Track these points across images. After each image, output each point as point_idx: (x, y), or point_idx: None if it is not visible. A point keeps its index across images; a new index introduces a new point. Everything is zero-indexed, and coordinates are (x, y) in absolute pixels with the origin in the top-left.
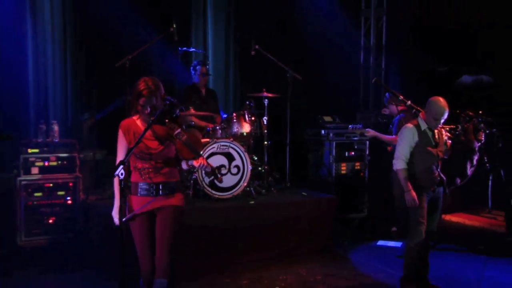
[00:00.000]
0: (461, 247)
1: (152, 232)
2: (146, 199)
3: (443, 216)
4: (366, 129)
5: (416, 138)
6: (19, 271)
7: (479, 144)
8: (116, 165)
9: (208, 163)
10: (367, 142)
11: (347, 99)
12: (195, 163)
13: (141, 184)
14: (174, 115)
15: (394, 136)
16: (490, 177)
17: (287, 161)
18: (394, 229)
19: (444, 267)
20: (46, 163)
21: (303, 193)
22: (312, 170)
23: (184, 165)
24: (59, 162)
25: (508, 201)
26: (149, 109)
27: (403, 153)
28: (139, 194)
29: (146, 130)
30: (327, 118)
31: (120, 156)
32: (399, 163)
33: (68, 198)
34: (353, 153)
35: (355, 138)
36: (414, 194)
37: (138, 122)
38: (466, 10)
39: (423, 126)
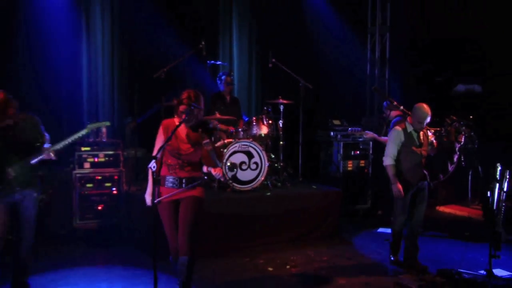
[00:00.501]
0: (449, 234)
1: (177, 217)
2: (172, 190)
3: (437, 207)
4: (365, 131)
5: (402, 139)
6: (74, 247)
7: (459, 145)
8: (152, 162)
9: (224, 174)
10: (371, 143)
11: (354, 105)
12: (213, 170)
13: (168, 177)
14: (207, 127)
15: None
16: (470, 173)
17: (299, 159)
18: (379, 212)
19: (433, 250)
20: (96, 159)
21: (313, 187)
22: (322, 167)
23: (204, 169)
24: (106, 158)
25: (485, 193)
26: (185, 115)
27: (391, 151)
28: (166, 186)
29: (174, 130)
30: (336, 122)
31: (157, 149)
32: (388, 160)
33: (114, 189)
34: (358, 152)
35: (360, 139)
36: (399, 186)
37: (176, 120)
38: (460, 25)
39: (409, 128)
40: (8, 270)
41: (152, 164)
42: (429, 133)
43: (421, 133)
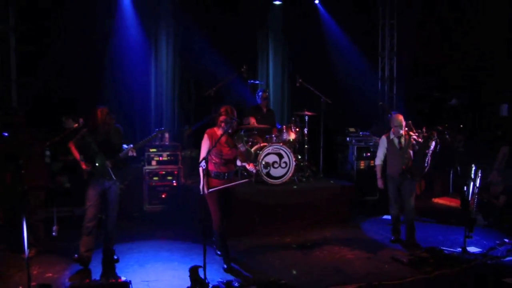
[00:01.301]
0: (438, 220)
1: (221, 202)
2: (216, 181)
3: (433, 199)
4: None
5: (385, 145)
6: (144, 225)
7: (429, 150)
8: (200, 160)
9: (255, 167)
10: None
11: (366, 116)
12: (248, 165)
13: (214, 172)
14: (240, 133)
15: None
16: (451, 172)
17: (320, 159)
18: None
19: (425, 233)
20: (161, 158)
21: (331, 182)
22: (340, 166)
23: (238, 163)
24: (169, 157)
25: (462, 188)
26: (224, 124)
27: (379, 154)
28: (212, 178)
29: (218, 139)
30: (352, 129)
31: (203, 152)
32: (376, 161)
33: (174, 181)
34: (369, 154)
35: (371, 144)
36: (381, 182)
37: (218, 132)
38: (451, 51)
39: (392, 136)
40: (100, 240)
41: (203, 163)
42: (414, 136)
43: (402, 139)
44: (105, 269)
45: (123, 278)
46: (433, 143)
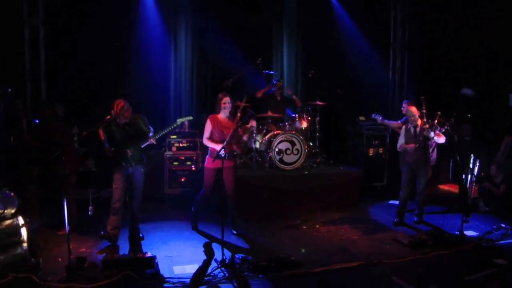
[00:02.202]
0: (442, 206)
1: (217, 178)
2: (217, 161)
3: (438, 185)
4: (378, 117)
5: (404, 134)
6: (165, 207)
7: (430, 141)
8: (219, 149)
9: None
10: (388, 135)
11: (378, 104)
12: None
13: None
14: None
15: (397, 122)
16: (451, 161)
17: (331, 147)
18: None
19: (426, 217)
20: (180, 144)
21: (341, 168)
22: (350, 153)
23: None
24: (188, 144)
25: (461, 176)
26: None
27: (400, 141)
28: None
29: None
30: (362, 118)
31: (206, 134)
32: (398, 147)
33: (193, 166)
34: (377, 142)
35: (377, 132)
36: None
37: (219, 116)
38: (458, 48)
39: (409, 126)
40: (126, 220)
41: (222, 151)
42: (426, 125)
43: (417, 129)
44: (131, 245)
45: (148, 254)
46: (435, 134)
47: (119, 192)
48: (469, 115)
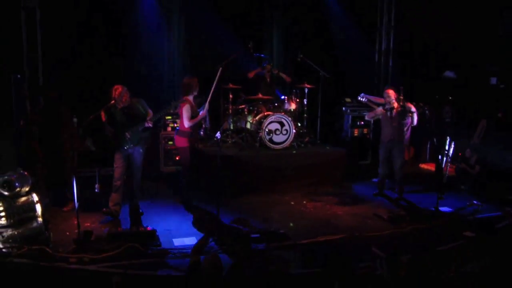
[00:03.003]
0: (421, 184)
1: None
2: (192, 139)
3: (420, 164)
4: (363, 96)
5: (380, 113)
6: (161, 184)
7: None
8: (216, 133)
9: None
10: None
11: (364, 86)
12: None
13: (190, 132)
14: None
15: (381, 98)
16: (428, 143)
17: (318, 127)
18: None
19: (406, 195)
20: (175, 124)
21: (327, 147)
22: (337, 133)
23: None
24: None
25: (437, 157)
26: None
27: (372, 113)
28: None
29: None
30: (348, 100)
31: (189, 116)
32: (367, 115)
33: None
34: (362, 122)
35: (364, 113)
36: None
37: (189, 99)
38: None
39: (386, 107)
40: (126, 197)
41: (218, 134)
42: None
43: (394, 110)
44: (132, 220)
45: (149, 228)
46: (414, 116)
47: (120, 171)
48: (450, 97)
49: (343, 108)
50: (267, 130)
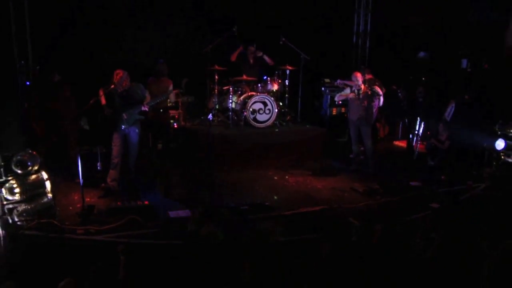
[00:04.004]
0: (395, 160)
1: None
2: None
3: (394, 142)
4: (338, 81)
5: (348, 93)
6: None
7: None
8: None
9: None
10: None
11: (342, 68)
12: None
13: None
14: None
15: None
16: (400, 123)
17: (298, 106)
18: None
19: (380, 169)
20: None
21: (307, 126)
22: (315, 112)
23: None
24: (170, 103)
25: (408, 136)
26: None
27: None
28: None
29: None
30: (327, 80)
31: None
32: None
33: (175, 124)
34: (340, 102)
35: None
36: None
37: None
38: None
39: (354, 88)
40: (123, 173)
41: (210, 115)
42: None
43: (361, 91)
44: (130, 195)
45: (146, 202)
46: (380, 99)
47: (117, 149)
48: (423, 78)
49: (322, 88)
50: (251, 109)
